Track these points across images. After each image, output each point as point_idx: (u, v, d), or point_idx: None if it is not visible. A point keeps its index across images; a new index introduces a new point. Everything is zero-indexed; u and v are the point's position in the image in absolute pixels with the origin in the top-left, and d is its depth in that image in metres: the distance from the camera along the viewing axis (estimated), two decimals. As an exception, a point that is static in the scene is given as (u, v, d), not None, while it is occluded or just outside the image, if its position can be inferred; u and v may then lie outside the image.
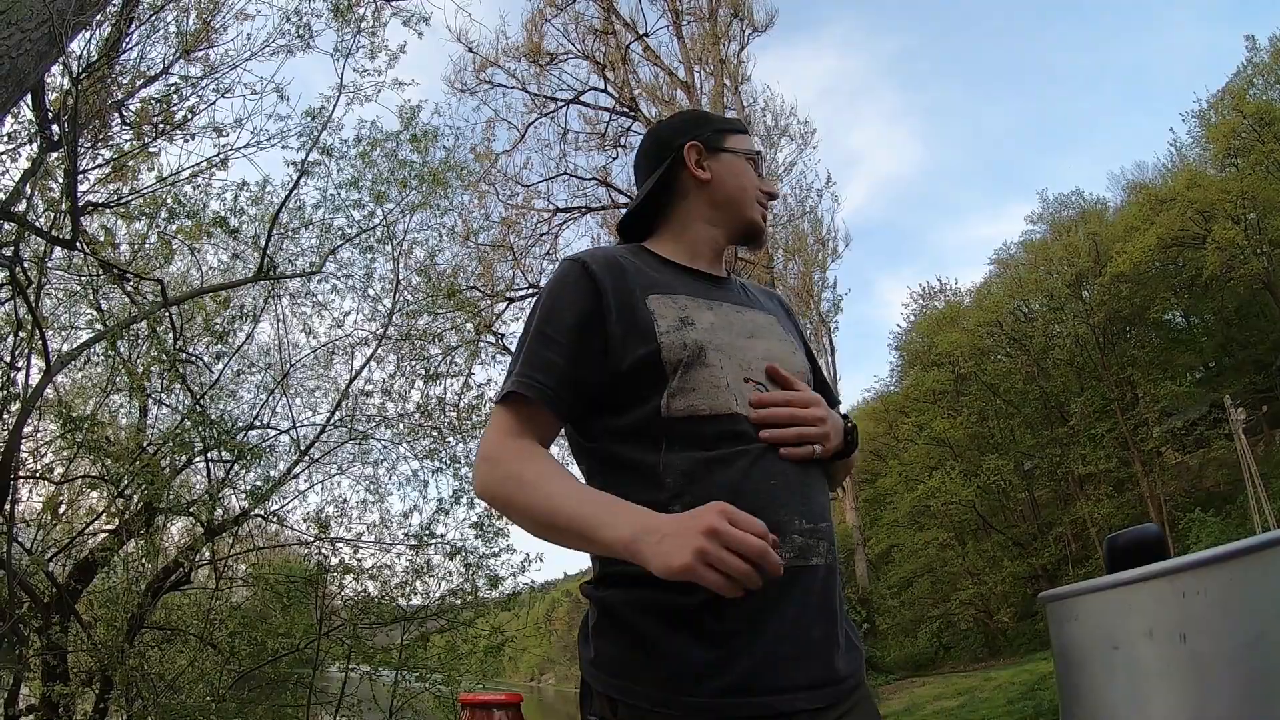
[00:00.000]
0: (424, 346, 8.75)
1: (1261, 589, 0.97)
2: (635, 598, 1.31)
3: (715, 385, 1.37)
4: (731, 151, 1.64)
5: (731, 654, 1.25)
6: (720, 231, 1.63)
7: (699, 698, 1.23)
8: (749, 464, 1.33)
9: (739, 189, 1.63)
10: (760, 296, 1.68)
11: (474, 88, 19.21)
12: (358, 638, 7.70)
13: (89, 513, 7.49)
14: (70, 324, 7.24)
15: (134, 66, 6.42)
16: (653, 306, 1.43)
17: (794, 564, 1.28)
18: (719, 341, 1.42)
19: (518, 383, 1.39)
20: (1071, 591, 1.18)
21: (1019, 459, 25.12)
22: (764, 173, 1.70)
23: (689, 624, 1.26)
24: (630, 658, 1.30)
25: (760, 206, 1.65)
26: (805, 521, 1.33)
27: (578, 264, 1.48)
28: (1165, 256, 22.32)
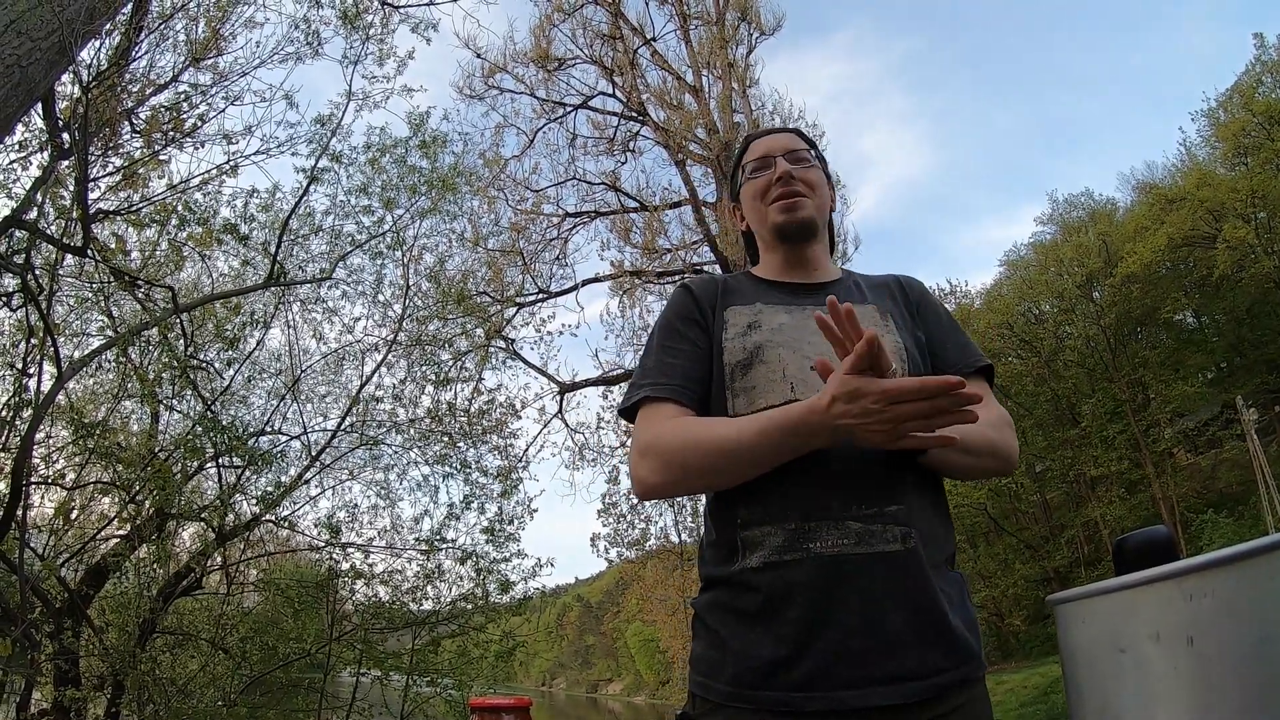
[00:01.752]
0: (434, 352, 8.79)
1: (1268, 591, 0.97)
2: (712, 599, 1.40)
3: (772, 379, 1.45)
4: (745, 180, 1.72)
5: (799, 649, 1.27)
6: (773, 249, 1.71)
7: (769, 692, 1.27)
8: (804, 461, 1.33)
9: (755, 213, 1.70)
10: (871, 289, 1.68)
11: (482, 93, 19.24)
12: (369, 642, 7.71)
13: (101, 518, 7.53)
14: (82, 331, 7.29)
15: (144, 74, 6.47)
16: (728, 317, 1.56)
17: (852, 551, 1.29)
18: (784, 339, 1.49)
19: (644, 388, 1.52)
20: (1078, 594, 1.18)
21: (1031, 461, 25.01)
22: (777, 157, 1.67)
23: (758, 622, 1.31)
24: (710, 656, 1.37)
25: (776, 201, 1.64)
26: (866, 507, 1.32)
27: (682, 287, 1.69)
28: (1176, 256, 22.24)
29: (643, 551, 16.10)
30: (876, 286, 1.69)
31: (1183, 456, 23.49)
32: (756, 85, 21.79)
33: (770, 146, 1.69)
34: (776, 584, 1.30)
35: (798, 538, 1.31)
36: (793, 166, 1.65)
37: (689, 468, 1.38)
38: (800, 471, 1.33)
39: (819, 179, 1.70)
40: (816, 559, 1.29)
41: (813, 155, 1.71)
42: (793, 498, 1.33)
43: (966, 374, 1.56)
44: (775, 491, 1.35)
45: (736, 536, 1.37)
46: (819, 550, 1.30)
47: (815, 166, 1.70)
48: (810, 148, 1.73)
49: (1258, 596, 0.95)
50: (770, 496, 1.35)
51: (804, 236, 1.65)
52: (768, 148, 1.69)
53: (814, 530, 1.31)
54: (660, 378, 1.52)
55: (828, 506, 1.31)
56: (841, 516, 1.30)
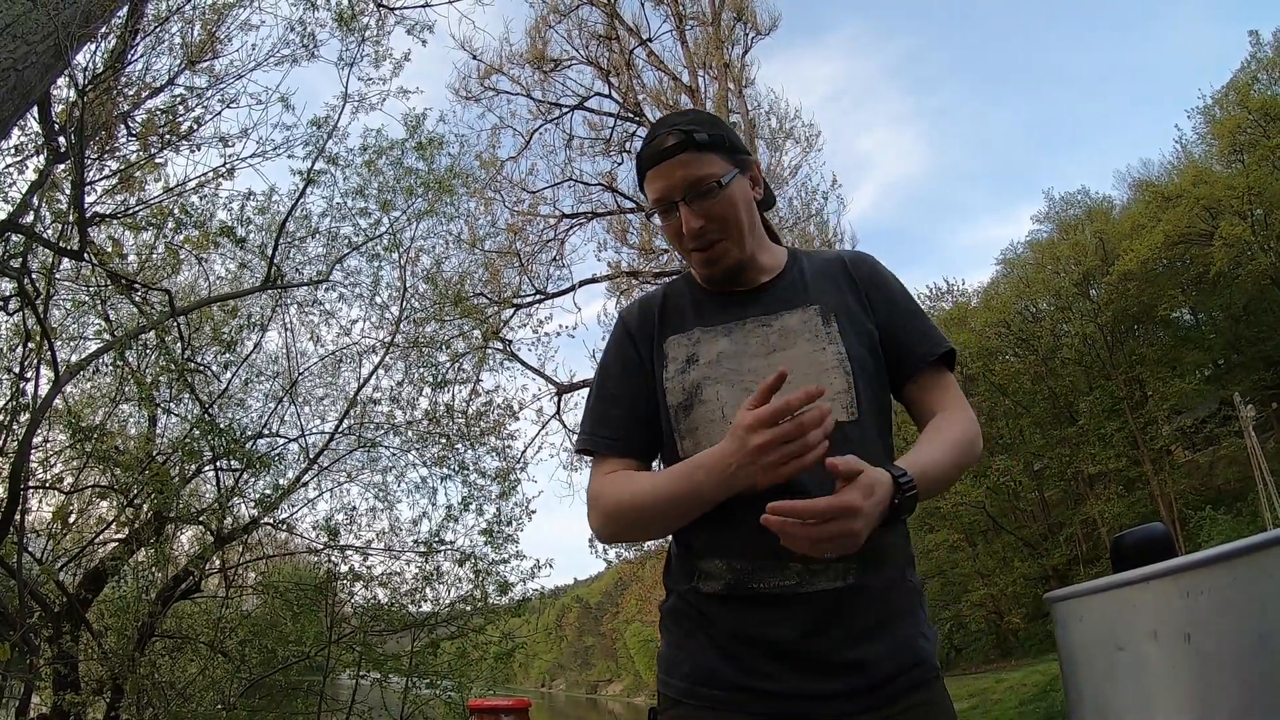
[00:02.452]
0: (432, 353, 8.78)
1: (1266, 588, 0.97)
2: (674, 606, 1.49)
3: (711, 419, 1.45)
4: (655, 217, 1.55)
5: (740, 664, 1.35)
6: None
7: (716, 691, 1.35)
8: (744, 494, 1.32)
9: (677, 248, 1.56)
10: (814, 277, 1.57)
11: (478, 95, 19.26)
12: (368, 645, 7.70)
13: (99, 522, 7.51)
14: (79, 334, 7.28)
15: (139, 78, 6.46)
16: (667, 350, 1.53)
17: (794, 590, 1.33)
18: (721, 373, 1.46)
19: (582, 440, 1.56)
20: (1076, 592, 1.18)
21: (1028, 459, 25.05)
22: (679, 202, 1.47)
23: (709, 634, 1.39)
24: (670, 655, 1.46)
25: (693, 254, 1.51)
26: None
27: (619, 321, 1.64)
28: (1172, 254, 22.26)
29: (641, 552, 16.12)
30: (822, 275, 1.59)
31: (1180, 453, 23.52)
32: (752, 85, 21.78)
33: (665, 186, 1.47)
34: (727, 612, 1.39)
35: (743, 577, 1.37)
36: (695, 213, 1.45)
37: (626, 524, 1.46)
38: (746, 513, 1.30)
39: (728, 205, 1.48)
40: (760, 596, 1.36)
41: (717, 177, 1.47)
42: (739, 539, 1.37)
43: (928, 363, 1.54)
44: (725, 530, 1.39)
45: (693, 563, 1.44)
46: (763, 590, 1.35)
47: (721, 190, 1.47)
48: (713, 148, 1.48)
49: (1256, 593, 0.95)
50: (720, 534, 1.40)
51: (734, 278, 1.54)
52: (662, 188, 1.47)
53: (757, 572, 1.35)
54: (601, 429, 1.54)
55: (772, 550, 1.27)
56: (785, 557, 1.31)
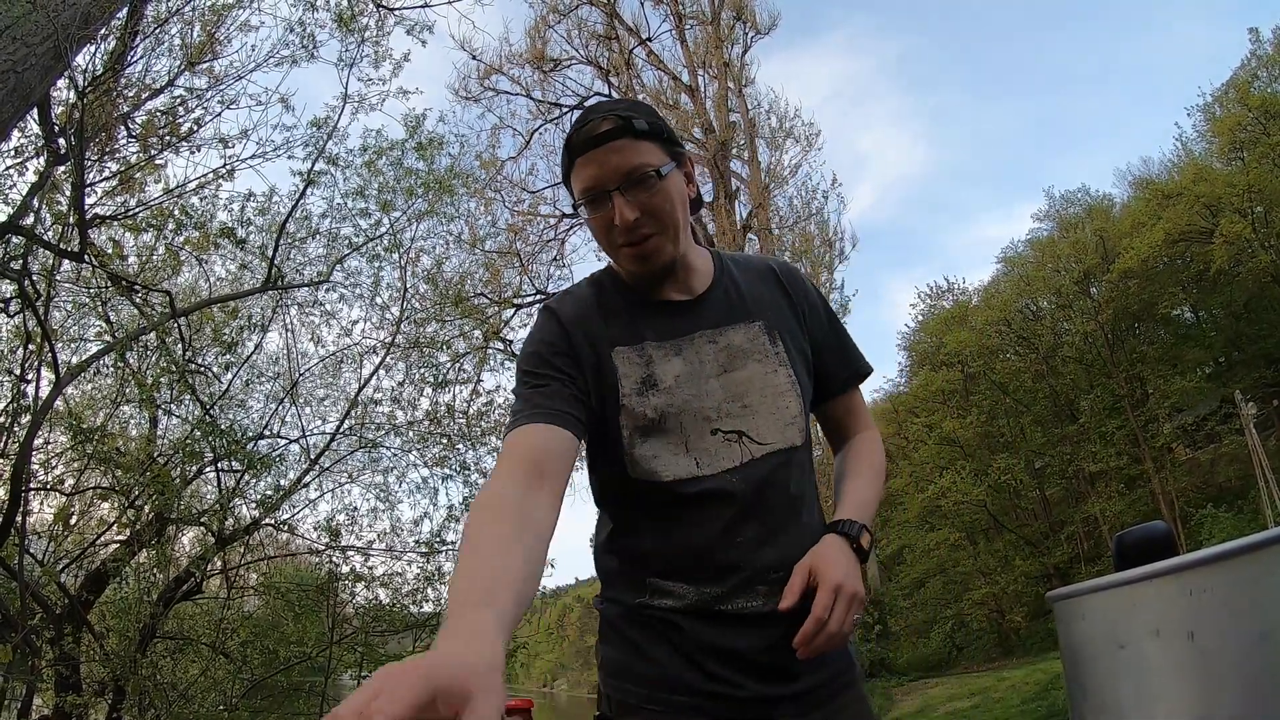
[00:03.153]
0: (432, 354, 8.78)
1: (1267, 586, 0.97)
2: (624, 611, 1.41)
3: (675, 452, 1.36)
4: (577, 207, 1.42)
5: (705, 671, 1.33)
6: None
7: (679, 696, 1.33)
8: (713, 522, 1.35)
9: (603, 244, 1.42)
10: (750, 290, 1.51)
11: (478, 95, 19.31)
12: (369, 645, 7.71)
13: (100, 523, 7.52)
14: (79, 336, 7.29)
15: (139, 79, 6.46)
16: (618, 363, 1.39)
17: (759, 610, 1.33)
18: (683, 399, 1.38)
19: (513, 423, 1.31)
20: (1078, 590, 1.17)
21: (1029, 457, 24.99)
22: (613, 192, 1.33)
23: (667, 638, 1.36)
24: (624, 660, 1.40)
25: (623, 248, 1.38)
26: (774, 571, 1.34)
27: (548, 311, 1.45)
28: (1173, 252, 22.20)
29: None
30: (756, 286, 1.52)
31: (1181, 451, 23.47)
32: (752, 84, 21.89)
33: (598, 175, 1.33)
34: (688, 625, 1.35)
35: (710, 600, 1.34)
36: (630, 204, 1.32)
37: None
38: (716, 545, 1.34)
39: (666, 197, 1.35)
40: (729, 615, 1.34)
41: (653, 167, 1.34)
42: (708, 568, 1.34)
43: (847, 388, 1.57)
44: (689, 558, 1.36)
45: (644, 579, 1.38)
46: (729, 610, 1.34)
47: (657, 181, 1.34)
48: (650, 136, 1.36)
49: (1258, 591, 0.95)
50: (683, 561, 1.36)
51: (664, 278, 1.43)
52: (595, 175, 1.33)
53: (727, 596, 1.34)
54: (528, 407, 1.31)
55: (745, 578, 1.33)
56: (754, 583, 1.34)
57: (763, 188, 21.23)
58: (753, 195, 20.97)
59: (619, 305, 1.45)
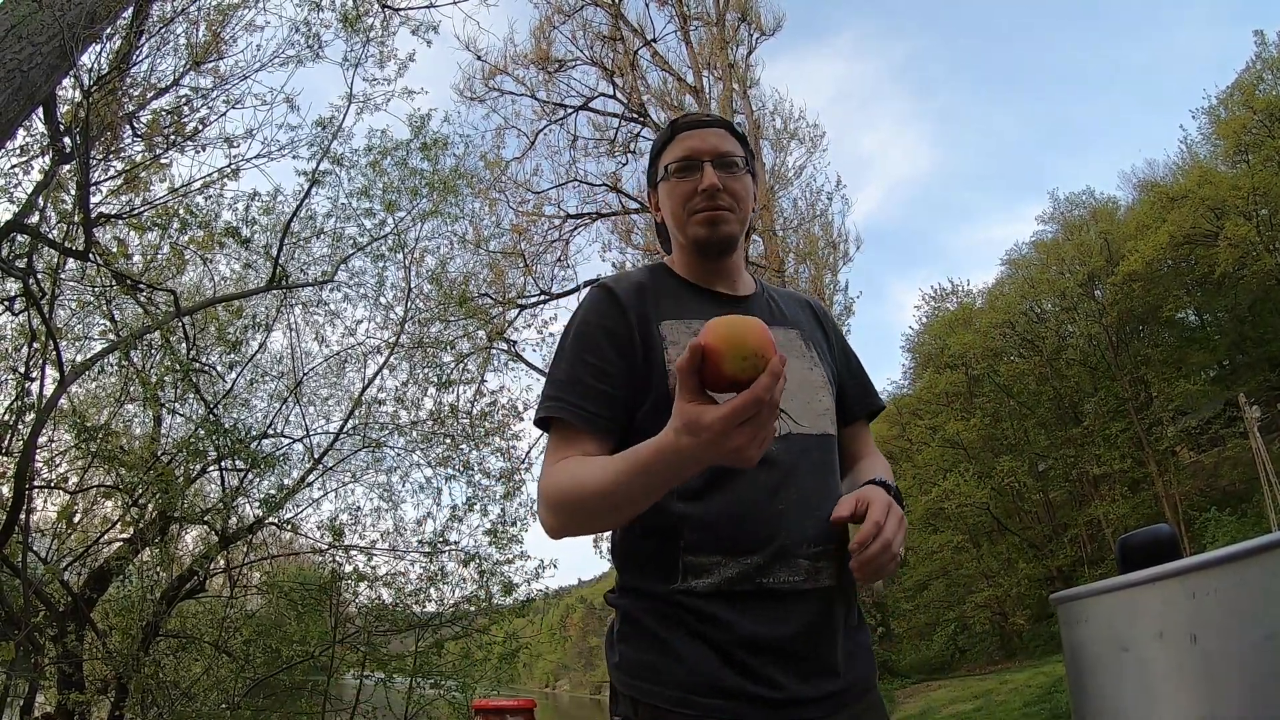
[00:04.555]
0: (436, 354, 8.79)
1: (1271, 588, 0.97)
2: (654, 606, 1.38)
3: None
4: (664, 177, 1.58)
5: (743, 668, 1.30)
6: (688, 254, 1.60)
7: (714, 700, 1.29)
8: (755, 486, 1.36)
9: (671, 215, 1.58)
10: (788, 308, 1.66)
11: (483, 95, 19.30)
12: (372, 645, 7.72)
13: (104, 522, 7.53)
14: (84, 335, 7.30)
15: (144, 79, 6.48)
16: (664, 332, 1.46)
17: (800, 586, 1.34)
18: None
19: (558, 408, 1.42)
20: (1082, 593, 1.17)
21: (1033, 460, 24.97)
22: (706, 163, 1.52)
23: (706, 639, 1.32)
24: (651, 661, 1.36)
25: (699, 214, 1.53)
26: (813, 546, 1.36)
27: (604, 289, 1.53)
28: (1177, 254, 22.16)
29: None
30: (793, 306, 1.68)
31: (1185, 454, 23.42)
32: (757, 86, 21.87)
33: (698, 146, 1.54)
34: (727, 611, 1.33)
35: (752, 572, 1.33)
36: (720, 175, 1.52)
37: (575, 516, 1.33)
38: (757, 510, 1.35)
39: (745, 189, 1.57)
40: (769, 592, 1.33)
41: (742, 158, 1.57)
42: (750, 535, 1.34)
43: (861, 416, 1.67)
44: (729, 524, 1.35)
45: (679, 559, 1.36)
46: (771, 585, 1.33)
47: (744, 173, 1.56)
48: (740, 144, 1.59)
49: (1261, 594, 0.95)
50: (723, 527, 1.35)
51: (724, 253, 1.56)
52: (695, 147, 1.54)
53: (768, 567, 1.33)
54: (573, 396, 1.42)
55: (785, 547, 1.34)
56: (795, 555, 1.35)
57: (767, 189, 21.23)
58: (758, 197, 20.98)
59: (670, 288, 1.56)
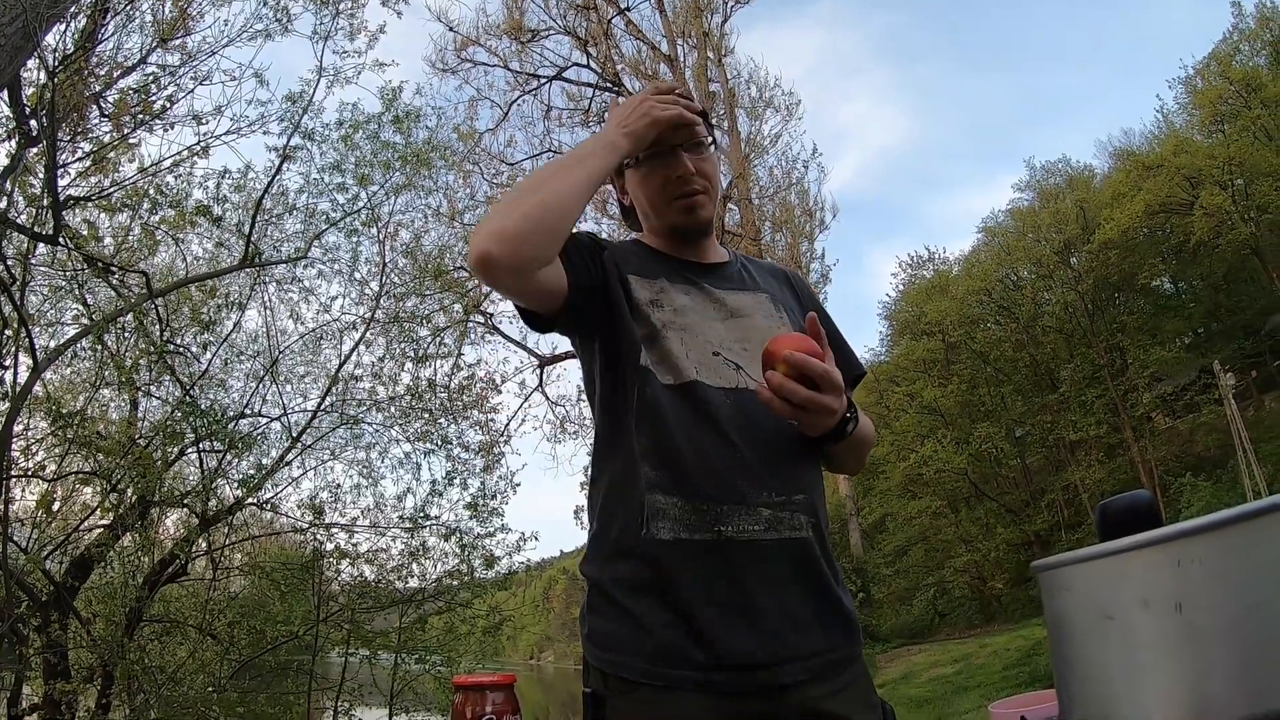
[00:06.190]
0: (412, 328, 8.74)
1: (1259, 556, 0.97)
2: (618, 573, 1.37)
3: (675, 357, 1.41)
4: (635, 164, 1.58)
5: (712, 632, 1.29)
6: (665, 237, 1.62)
7: (684, 670, 1.28)
8: (715, 435, 1.37)
9: (647, 202, 1.59)
10: (760, 276, 1.65)
11: (455, 67, 19.14)
12: (356, 622, 7.72)
13: (83, 509, 7.47)
14: (57, 320, 7.20)
15: (111, 57, 6.37)
16: (631, 281, 1.50)
17: (762, 537, 1.33)
18: (684, 323, 1.46)
19: None
20: (1064, 560, 1.17)
21: (1010, 426, 25.20)
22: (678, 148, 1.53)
23: (670, 600, 1.32)
24: (619, 632, 1.35)
25: (677, 200, 1.55)
26: (775, 494, 1.35)
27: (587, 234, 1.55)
28: (1153, 223, 22.31)
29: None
30: (766, 273, 1.69)
31: (1161, 421, 23.70)
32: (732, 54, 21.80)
33: (667, 133, 1.52)
34: (688, 563, 1.32)
35: (708, 519, 1.33)
36: (694, 157, 1.53)
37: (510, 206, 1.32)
38: (714, 452, 1.35)
39: (715, 167, 1.60)
40: (729, 543, 1.32)
41: (709, 137, 1.59)
42: (704, 475, 1.35)
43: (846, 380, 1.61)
44: (684, 462, 1.36)
45: (641, 496, 1.36)
46: (730, 534, 1.32)
47: (707, 150, 1.58)
48: (703, 118, 1.58)
49: (1248, 562, 0.95)
50: (680, 465, 1.36)
51: (703, 235, 1.60)
52: (665, 134, 1.52)
53: (725, 514, 1.33)
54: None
55: (741, 491, 1.33)
56: (754, 502, 1.33)
57: (742, 157, 21.18)
58: (732, 165, 20.93)
59: (643, 254, 1.58)
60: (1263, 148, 20.33)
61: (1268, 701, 0.93)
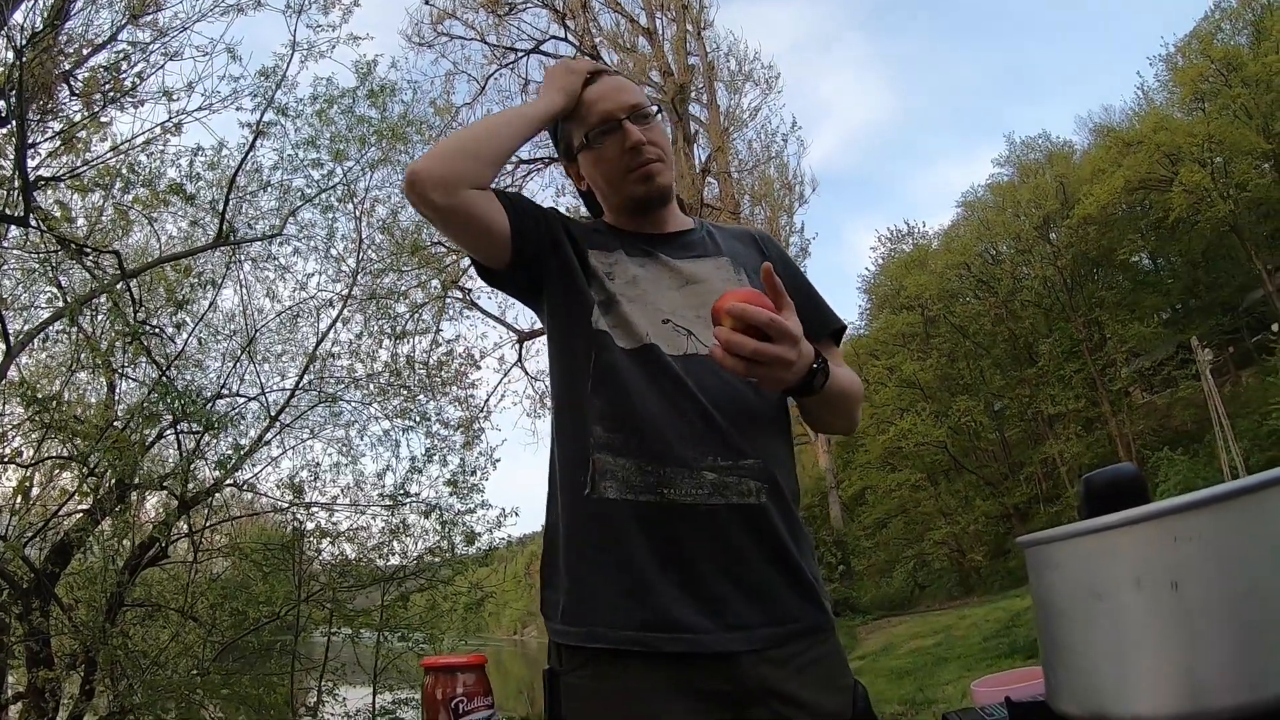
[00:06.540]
0: (390, 305, 8.67)
1: (1259, 532, 0.95)
2: (566, 540, 1.39)
3: (630, 325, 1.43)
4: (585, 146, 1.58)
5: (652, 594, 1.30)
6: (625, 212, 1.62)
7: (626, 631, 1.29)
8: (660, 397, 1.37)
9: (603, 180, 1.60)
10: (725, 241, 1.65)
11: (432, 41, 18.94)
12: (338, 601, 7.70)
13: (62, 493, 7.39)
14: (30, 303, 7.09)
15: (81, 34, 6.25)
16: (589, 254, 1.52)
17: (708, 501, 1.32)
18: (635, 294, 1.47)
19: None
20: (1051, 536, 1.14)
21: (989, 400, 25.42)
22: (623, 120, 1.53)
23: (616, 565, 1.32)
24: (566, 602, 1.37)
25: (633, 172, 1.55)
26: (720, 459, 1.34)
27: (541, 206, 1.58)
28: (1132, 199, 22.48)
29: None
30: (731, 238, 1.68)
31: (1138, 395, 23.96)
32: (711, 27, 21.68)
33: (612, 108, 1.55)
34: (633, 524, 1.32)
35: (651, 480, 1.33)
36: (641, 129, 1.53)
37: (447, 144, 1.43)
38: (663, 417, 1.35)
39: (664, 136, 1.61)
40: (672, 505, 1.31)
41: (653, 106, 1.60)
42: (653, 438, 1.34)
43: (821, 337, 1.60)
44: (631, 421, 1.37)
45: (589, 455, 1.38)
46: (674, 497, 1.32)
47: (653, 118, 1.58)
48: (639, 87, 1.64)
49: (1248, 538, 0.95)
50: (627, 423, 1.37)
51: (665, 202, 1.60)
52: (610, 110, 1.55)
53: (669, 476, 1.32)
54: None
55: (684, 456, 1.33)
56: (697, 467, 1.33)
57: (722, 131, 21.13)
58: (712, 138, 20.87)
59: (603, 230, 1.60)
60: (1242, 126, 20.45)
61: (1266, 687, 0.92)
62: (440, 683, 1.29)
